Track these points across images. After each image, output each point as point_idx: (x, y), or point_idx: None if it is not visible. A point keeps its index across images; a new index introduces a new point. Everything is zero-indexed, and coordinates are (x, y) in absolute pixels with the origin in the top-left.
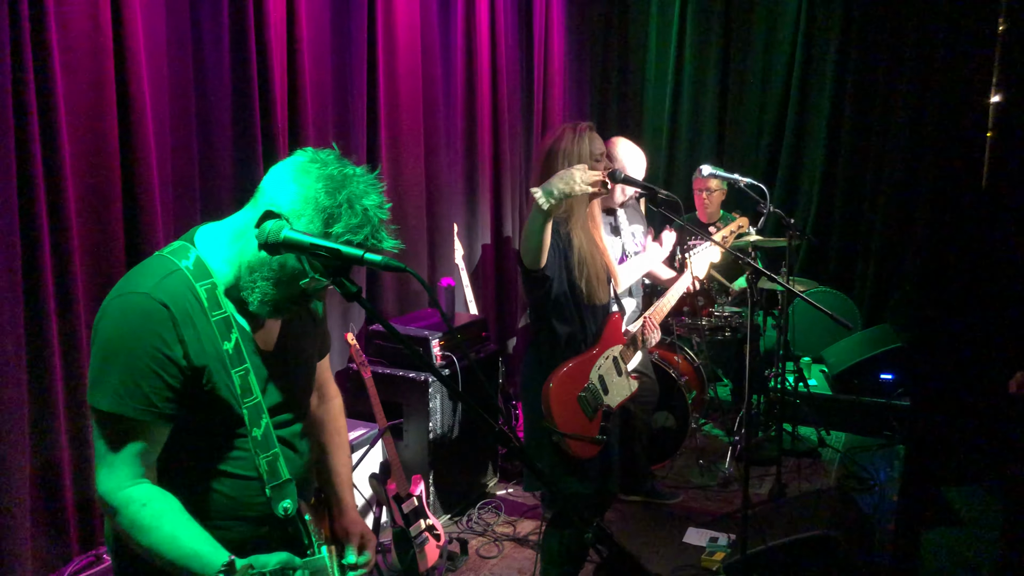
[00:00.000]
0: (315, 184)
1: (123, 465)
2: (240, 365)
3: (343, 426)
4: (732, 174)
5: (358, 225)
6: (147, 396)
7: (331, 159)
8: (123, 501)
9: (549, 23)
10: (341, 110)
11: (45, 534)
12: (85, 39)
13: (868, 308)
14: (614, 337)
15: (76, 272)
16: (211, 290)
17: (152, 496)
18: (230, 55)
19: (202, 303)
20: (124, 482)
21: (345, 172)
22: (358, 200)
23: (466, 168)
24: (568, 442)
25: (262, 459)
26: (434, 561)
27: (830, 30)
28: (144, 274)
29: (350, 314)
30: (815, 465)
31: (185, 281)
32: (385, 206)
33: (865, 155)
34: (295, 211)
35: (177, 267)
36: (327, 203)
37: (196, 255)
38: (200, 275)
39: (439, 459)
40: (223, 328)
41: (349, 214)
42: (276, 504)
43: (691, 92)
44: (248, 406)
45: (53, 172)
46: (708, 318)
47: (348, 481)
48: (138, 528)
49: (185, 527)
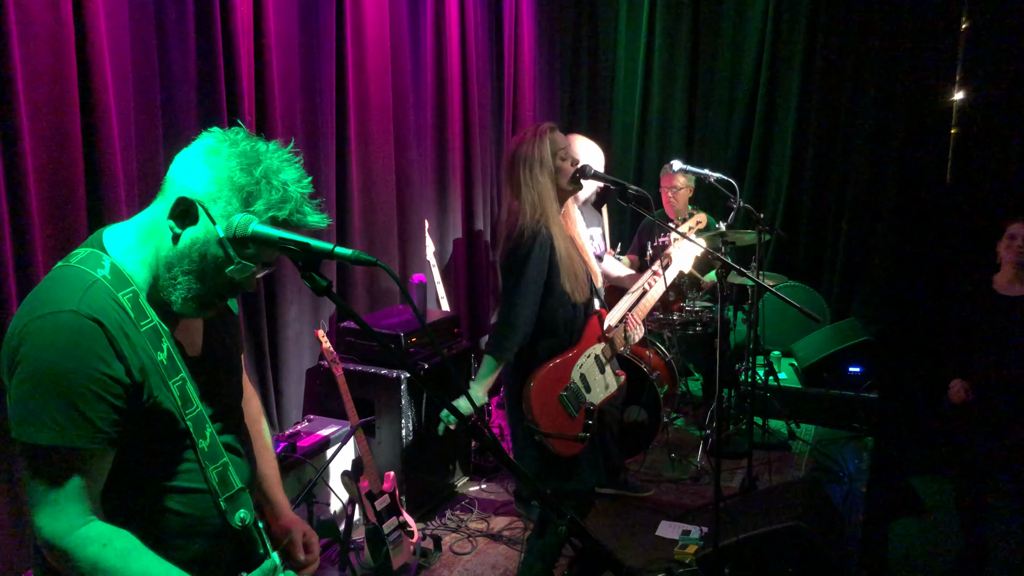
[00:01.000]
0: (227, 163)
1: (70, 503)
2: (176, 375)
3: (265, 427)
4: (702, 169)
5: (280, 201)
6: (92, 422)
7: (240, 137)
8: (78, 543)
9: (519, 19)
10: (309, 105)
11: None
12: (46, 32)
13: (836, 302)
14: (595, 335)
15: (39, 270)
16: (134, 298)
17: (111, 534)
18: (195, 48)
19: (128, 314)
20: (75, 522)
21: (258, 148)
22: (275, 175)
23: (436, 164)
24: (551, 441)
25: (212, 471)
26: (407, 558)
27: (797, 27)
28: (60, 289)
29: (320, 311)
30: (785, 458)
31: (107, 292)
32: (305, 180)
33: (832, 151)
34: (210, 194)
35: (95, 278)
36: (243, 181)
37: (110, 262)
38: (119, 283)
39: (412, 456)
40: (153, 338)
41: (269, 190)
42: (232, 516)
43: (661, 89)
44: (191, 417)
45: (14, 168)
46: (679, 313)
47: (278, 482)
48: (103, 571)
49: (154, 564)
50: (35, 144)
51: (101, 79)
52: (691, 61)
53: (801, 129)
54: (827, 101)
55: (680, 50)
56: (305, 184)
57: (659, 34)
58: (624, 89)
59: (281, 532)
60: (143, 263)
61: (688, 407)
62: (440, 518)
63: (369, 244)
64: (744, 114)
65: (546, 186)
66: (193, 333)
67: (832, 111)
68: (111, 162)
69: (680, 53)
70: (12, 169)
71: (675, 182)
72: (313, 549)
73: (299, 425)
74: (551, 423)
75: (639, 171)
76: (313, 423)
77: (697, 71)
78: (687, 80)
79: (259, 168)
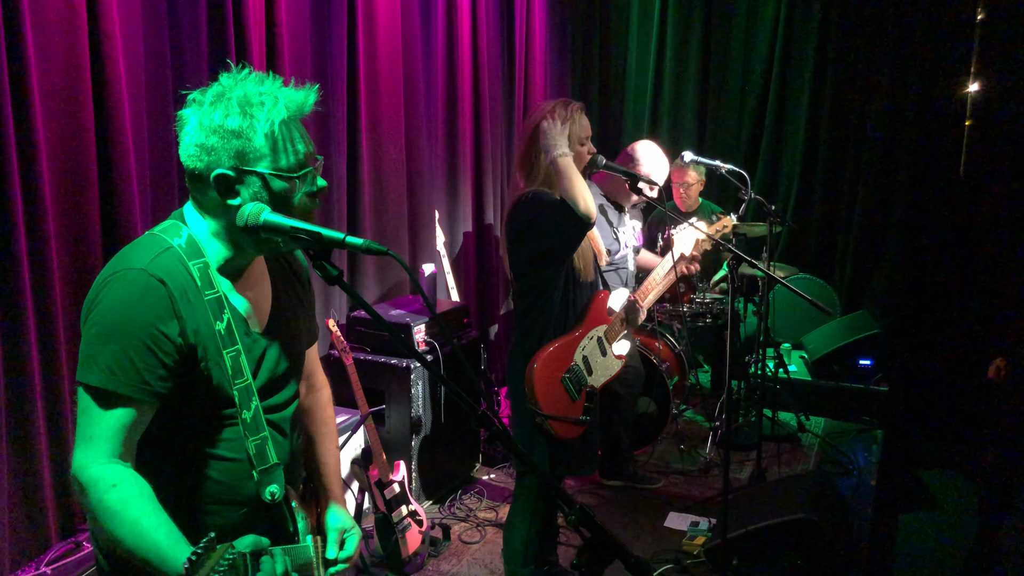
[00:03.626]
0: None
1: (102, 440)
2: (232, 346)
3: (331, 417)
4: (713, 161)
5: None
6: (139, 372)
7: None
8: (92, 478)
9: (530, 10)
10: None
11: (23, 522)
12: (59, 20)
13: (847, 295)
14: (599, 317)
15: (52, 257)
16: (203, 269)
17: (123, 478)
18: (208, 37)
19: (196, 282)
20: (99, 458)
21: (219, 92)
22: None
23: (447, 155)
24: (551, 423)
25: (251, 442)
26: (416, 547)
27: (810, 18)
28: (138, 252)
29: (331, 301)
30: (795, 450)
31: (179, 259)
32: (268, 75)
33: (844, 143)
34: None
35: (170, 245)
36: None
37: (188, 233)
38: (193, 254)
39: (421, 445)
40: (216, 308)
41: (258, 110)
42: (263, 488)
43: (672, 80)
44: (239, 387)
45: (28, 156)
46: (689, 304)
47: (336, 472)
48: (103, 511)
49: (150, 515)
50: (49, 133)
51: (114, 69)
52: (703, 51)
53: (813, 120)
54: (840, 92)
55: (692, 40)
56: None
57: (671, 24)
58: (635, 80)
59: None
60: (217, 238)
61: (697, 399)
62: (449, 507)
63: (379, 233)
64: (756, 105)
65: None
66: (260, 311)
67: (845, 103)
68: (124, 152)
69: (692, 43)
70: (26, 157)
71: (686, 177)
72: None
73: None
74: (552, 405)
75: None
76: None
77: (709, 62)
78: (699, 71)
79: (232, 104)
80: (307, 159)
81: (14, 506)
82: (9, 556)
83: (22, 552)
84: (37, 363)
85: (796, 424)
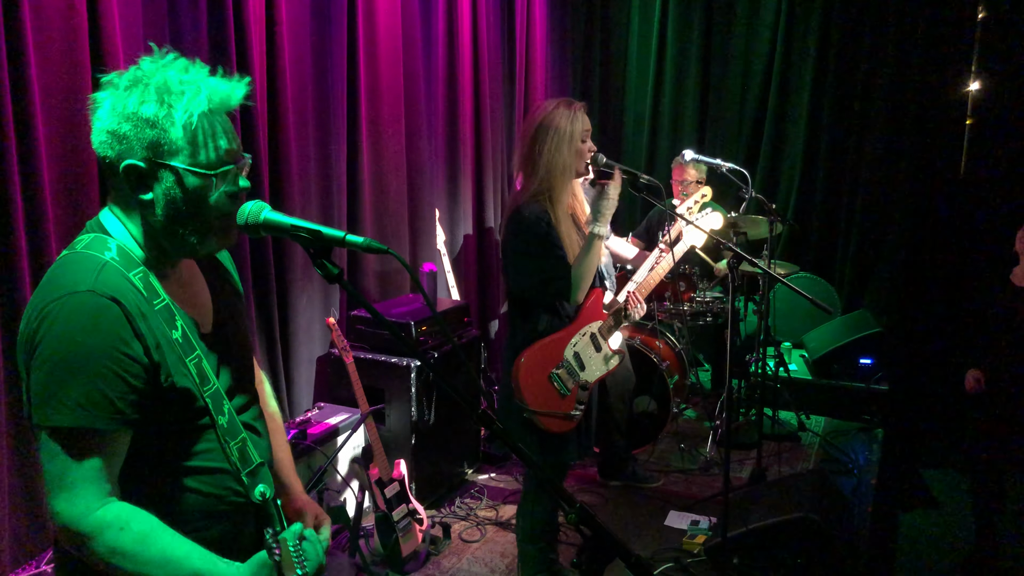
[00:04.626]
0: (125, 110)
1: (88, 485)
2: (192, 353)
3: (276, 408)
4: (714, 159)
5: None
6: (112, 402)
7: (114, 78)
8: (95, 527)
9: (531, 9)
10: (321, 93)
11: (23, 521)
12: (58, 17)
13: (848, 294)
14: (594, 313)
15: (52, 256)
16: (144, 277)
17: (129, 517)
18: (208, 35)
19: (141, 293)
20: (92, 504)
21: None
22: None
23: (447, 153)
24: (540, 418)
25: (232, 447)
26: (417, 545)
27: (811, 16)
28: (74, 272)
29: (331, 299)
30: (795, 449)
31: (119, 273)
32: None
33: (845, 141)
34: (116, 137)
35: (104, 260)
36: (152, 111)
37: (116, 244)
38: (128, 264)
39: (421, 444)
40: (167, 316)
41: (177, 99)
42: (252, 490)
43: (673, 78)
44: (209, 394)
45: (28, 156)
46: (689, 303)
47: (290, 465)
48: (121, 555)
49: (175, 547)
50: (49, 131)
51: (114, 65)
52: (704, 50)
53: (814, 119)
54: (841, 91)
55: (693, 38)
56: (193, 68)
57: (672, 21)
58: (636, 78)
59: (294, 515)
60: (142, 240)
61: (698, 397)
62: (449, 506)
63: (380, 232)
64: (757, 104)
65: (566, 161)
66: (203, 310)
67: (846, 101)
68: None
69: (693, 41)
70: (26, 156)
71: (686, 175)
72: (324, 532)
73: (309, 412)
74: (540, 401)
75: (651, 160)
76: (323, 411)
77: (710, 60)
78: (700, 69)
79: (149, 90)
80: (229, 156)
81: (14, 505)
82: (9, 555)
83: (22, 551)
84: None
85: (796, 423)
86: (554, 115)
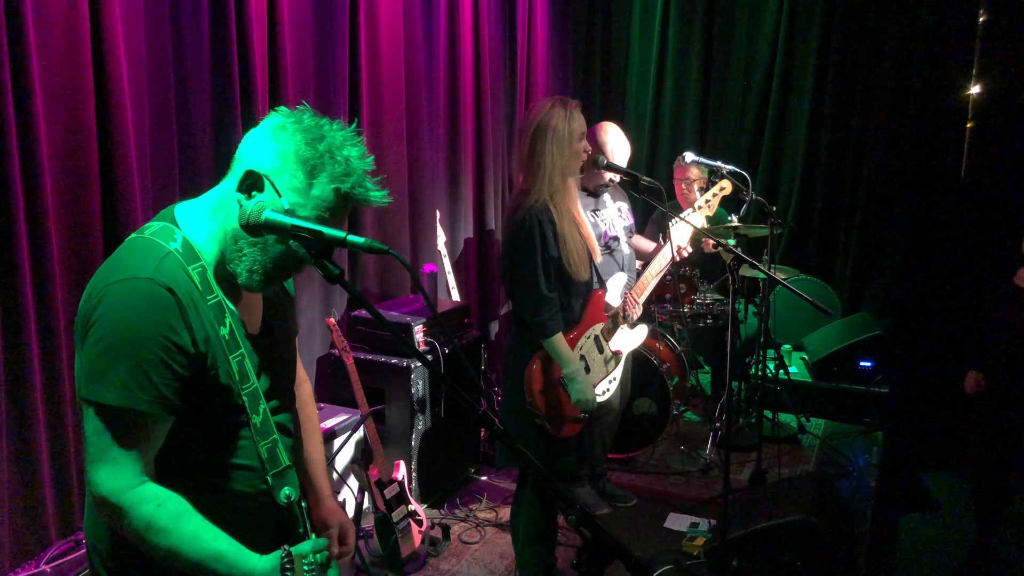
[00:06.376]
0: (293, 138)
1: (129, 463)
2: (236, 351)
3: (315, 411)
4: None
5: (343, 174)
6: (157, 387)
7: (306, 115)
8: (134, 501)
9: (532, 9)
10: (322, 93)
11: (23, 520)
12: (60, 16)
13: (848, 296)
14: (596, 315)
15: (53, 254)
16: (202, 273)
17: (165, 496)
18: (209, 33)
19: (197, 287)
20: (132, 481)
21: (322, 124)
22: (339, 150)
23: (448, 154)
24: (551, 423)
25: (262, 447)
26: (416, 546)
27: (812, 19)
28: (137, 257)
29: (331, 299)
30: (795, 451)
31: (179, 264)
32: (368, 158)
33: (846, 144)
34: (276, 168)
35: (167, 250)
36: (308, 154)
37: (182, 236)
38: (190, 258)
39: (421, 445)
40: (218, 313)
41: (332, 163)
42: (278, 492)
43: (674, 79)
44: (247, 392)
45: (29, 152)
46: (690, 305)
47: (323, 468)
48: (156, 530)
49: (206, 528)
50: (50, 130)
51: (115, 64)
52: (705, 52)
53: (815, 121)
54: (842, 93)
55: (694, 39)
56: (367, 161)
57: (673, 23)
58: (637, 80)
59: (320, 520)
60: (212, 238)
61: (698, 400)
62: (449, 507)
63: (380, 233)
64: (757, 106)
65: (565, 161)
66: (253, 311)
67: (847, 103)
68: (125, 147)
69: (694, 42)
70: (27, 154)
71: (688, 174)
72: (348, 540)
73: None
74: (552, 405)
75: (651, 162)
76: (323, 411)
77: (711, 62)
78: (700, 71)
79: (323, 143)
80: (328, 236)
81: (14, 504)
82: (9, 554)
83: (22, 550)
84: (37, 362)
85: (796, 425)
86: (551, 115)
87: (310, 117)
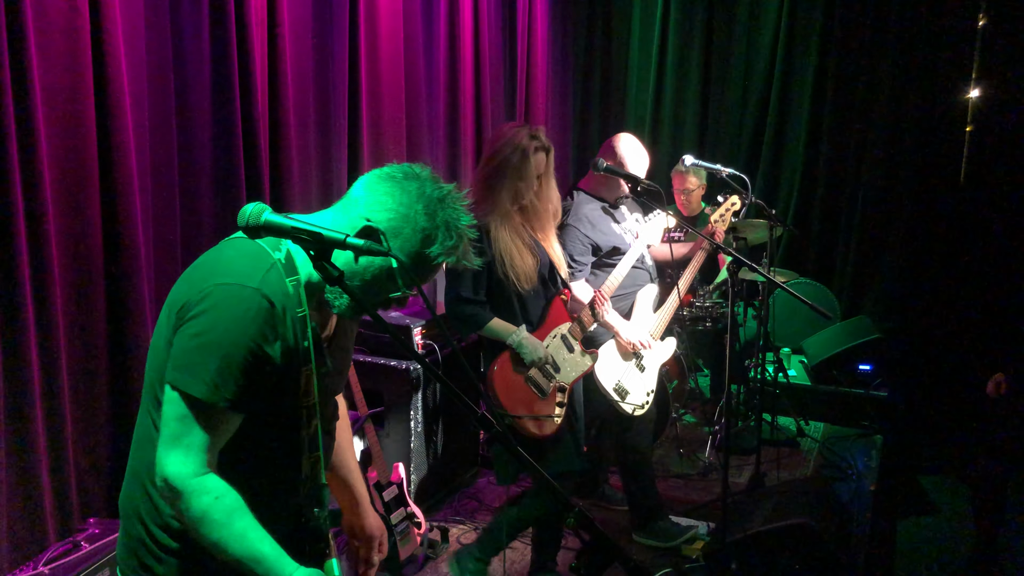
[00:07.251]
0: (415, 205)
1: (200, 452)
2: (306, 365)
3: (348, 424)
4: (714, 164)
5: (454, 247)
6: (240, 389)
7: (427, 177)
8: (196, 488)
9: (532, 12)
10: (322, 96)
11: (21, 522)
12: (61, 19)
13: (847, 299)
14: (559, 316)
15: (52, 257)
16: (296, 287)
17: (224, 490)
18: (210, 37)
19: (291, 299)
20: (199, 469)
21: (443, 194)
22: (455, 222)
23: (448, 157)
24: (522, 423)
25: (306, 460)
26: (415, 549)
27: (812, 23)
28: (246, 263)
29: None
30: (794, 455)
31: (280, 276)
32: (472, 227)
33: (846, 147)
34: (393, 228)
35: (273, 260)
36: (426, 224)
37: (287, 248)
38: (290, 270)
39: (420, 447)
40: (301, 326)
41: (445, 236)
42: (310, 507)
43: (674, 83)
44: (305, 406)
45: (28, 156)
46: (689, 308)
47: (360, 477)
48: (209, 521)
49: (255, 528)
50: (50, 130)
51: (115, 64)
52: (704, 56)
53: (815, 125)
54: (841, 97)
55: (694, 44)
56: (472, 231)
57: (673, 27)
58: (637, 83)
59: (359, 528)
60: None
61: (697, 402)
62: (448, 509)
63: None
64: (757, 110)
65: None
66: (327, 328)
67: (846, 107)
68: (125, 152)
69: (694, 47)
70: (27, 155)
71: (687, 183)
72: (383, 548)
73: None
74: (519, 405)
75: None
76: None
77: (711, 66)
78: (700, 75)
79: (441, 215)
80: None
81: (12, 506)
82: (7, 556)
83: (20, 552)
84: (36, 362)
85: (795, 429)
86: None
87: (431, 181)
